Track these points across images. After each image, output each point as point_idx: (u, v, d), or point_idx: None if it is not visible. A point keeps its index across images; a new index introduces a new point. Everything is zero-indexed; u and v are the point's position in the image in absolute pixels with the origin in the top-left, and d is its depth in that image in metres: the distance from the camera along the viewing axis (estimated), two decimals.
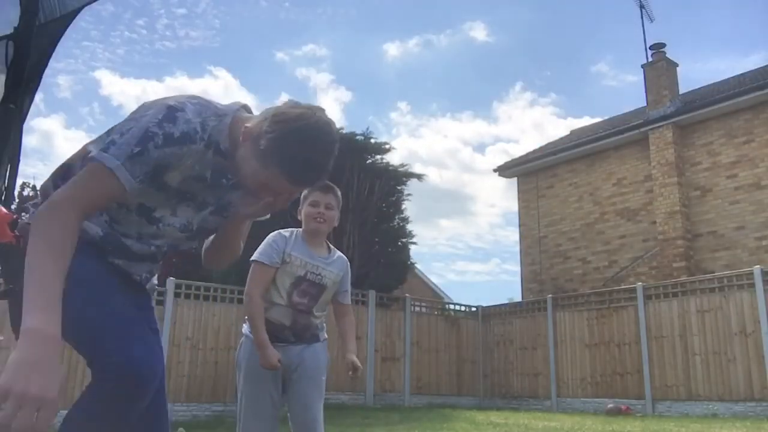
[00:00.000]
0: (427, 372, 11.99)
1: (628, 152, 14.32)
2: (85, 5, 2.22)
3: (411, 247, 14.32)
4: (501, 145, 53.95)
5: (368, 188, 13.04)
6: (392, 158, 15.69)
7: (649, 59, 14.71)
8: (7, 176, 2.00)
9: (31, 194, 20.83)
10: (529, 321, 12.24)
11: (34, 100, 2.20)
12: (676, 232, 12.82)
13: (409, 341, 11.84)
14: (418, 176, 14.08)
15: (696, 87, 16.26)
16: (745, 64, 47.24)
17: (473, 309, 13.16)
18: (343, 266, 2.82)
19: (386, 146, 13.78)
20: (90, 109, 43.69)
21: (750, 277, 9.43)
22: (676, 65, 14.66)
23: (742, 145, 12.56)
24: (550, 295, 12.42)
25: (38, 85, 2.21)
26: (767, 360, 8.93)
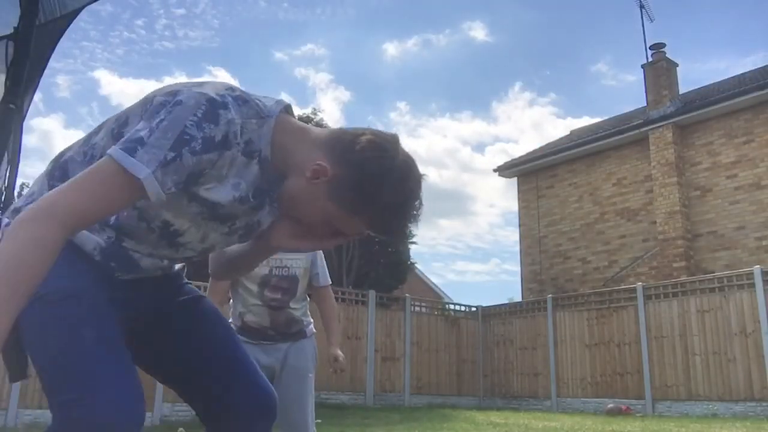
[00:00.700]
0: (427, 372, 11.99)
1: (628, 152, 14.31)
2: (85, 5, 2.22)
3: (411, 247, 14.34)
4: (500, 145, 54.01)
5: None
6: None
7: (649, 59, 14.71)
8: (7, 176, 2.00)
9: None
10: (529, 321, 12.24)
11: (33, 100, 2.20)
12: (676, 232, 12.81)
13: (409, 341, 11.83)
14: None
15: (696, 87, 16.28)
16: (744, 65, 47.29)
17: (473, 309, 13.15)
18: None
19: None
20: (89, 109, 43.76)
21: (750, 277, 9.43)
22: (676, 65, 14.66)
23: (742, 145, 12.55)
24: (550, 295, 12.42)
25: (38, 85, 2.21)
26: (767, 360, 8.93)
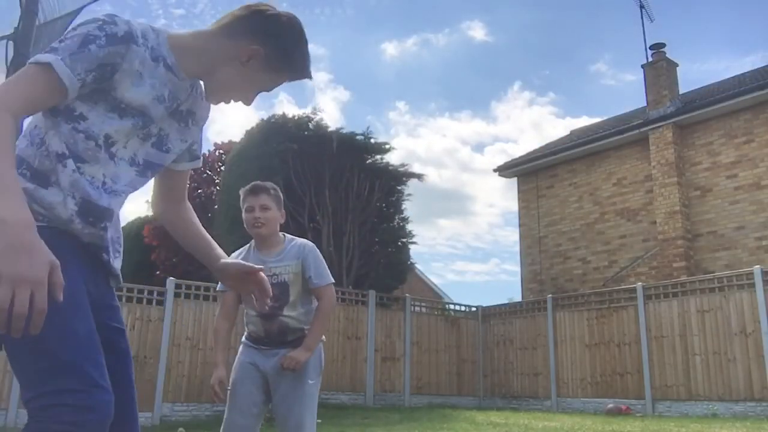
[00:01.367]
0: (427, 372, 11.99)
1: (628, 152, 14.32)
2: (85, 6, 2.23)
3: (411, 247, 14.34)
4: (499, 145, 54.07)
5: (368, 188, 13.05)
6: (392, 158, 15.67)
7: (649, 59, 14.71)
8: None
9: None
10: (529, 321, 12.25)
11: None
12: (676, 232, 12.82)
13: (409, 341, 11.84)
14: (419, 176, 14.08)
15: (695, 87, 16.28)
16: (743, 65, 47.30)
17: (473, 309, 13.15)
18: (301, 252, 2.72)
19: (386, 146, 13.78)
20: None
21: (750, 277, 9.44)
22: (676, 65, 14.66)
23: (742, 145, 12.56)
24: (550, 295, 12.43)
25: None
26: (767, 360, 8.93)
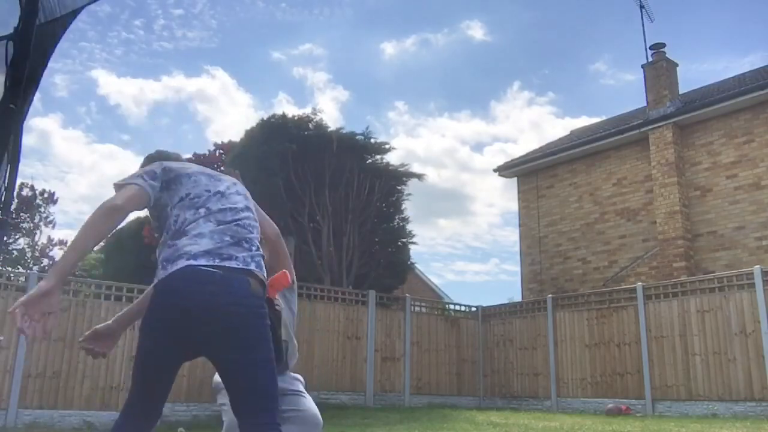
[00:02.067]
0: (427, 372, 11.99)
1: (628, 152, 14.31)
2: (85, 6, 2.22)
3: (411, 247, 14.33)
4: (499, 145, 53.94)
5: (368, 188, 13.05)
6: (392, 158, 15.67)
7: (649, 59, 14.70)
8: (7, 176, 2.00)
9: (30, 194, 20.66)
10: (529, 321, 12.24)
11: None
12: (676, 232, 12.81)
13: (409, 341, 11.83)
14: (418, 176, 14.08)
15: (695, 87, 16.27)
16: (742, 65, 47.24)
17: (473, 309, 13.15)
18: None
19: (386, 146, 13.79)
20: (87, 109, 43.59)
21: (750, 277, 9.43)
22: (676, 65, 14.65)
23: (742, 145, 12.55)
24: (550, 295, 12.42)
25: (38, 86, 2.20)
26: (767, 360, 8.93)
